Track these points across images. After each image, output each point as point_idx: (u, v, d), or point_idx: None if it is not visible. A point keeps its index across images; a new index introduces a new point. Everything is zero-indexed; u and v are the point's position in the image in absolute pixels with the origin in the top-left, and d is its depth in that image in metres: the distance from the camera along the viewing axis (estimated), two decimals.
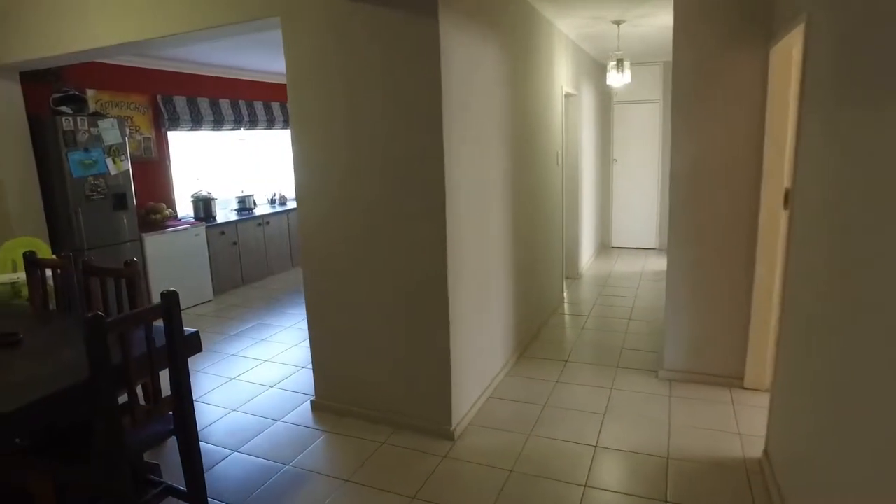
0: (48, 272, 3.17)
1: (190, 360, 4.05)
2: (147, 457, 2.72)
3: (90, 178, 4.60)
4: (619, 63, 4.84)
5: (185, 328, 2.43)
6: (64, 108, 4.48)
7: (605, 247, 7.79)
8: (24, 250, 4.26)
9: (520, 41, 3.76)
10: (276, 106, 7.30)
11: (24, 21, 3.79)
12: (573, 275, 6.03)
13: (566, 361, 3.84)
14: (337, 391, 3.22)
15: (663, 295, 5.32)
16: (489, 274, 3.34)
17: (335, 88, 2.83)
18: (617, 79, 4.94)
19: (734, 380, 3.30)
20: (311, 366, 3.31)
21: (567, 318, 4.83)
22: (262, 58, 5.86)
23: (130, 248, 4.98)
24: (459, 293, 2.89)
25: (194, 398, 3.56)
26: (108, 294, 2.92)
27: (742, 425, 2.90)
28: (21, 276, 3.95)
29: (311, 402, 3.32)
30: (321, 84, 2.87)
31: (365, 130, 2.80)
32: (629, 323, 4.58)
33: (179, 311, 2.16)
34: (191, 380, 3.77)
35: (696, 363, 3.39)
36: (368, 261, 2.94)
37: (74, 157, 4.48)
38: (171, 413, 2.25)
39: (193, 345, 2.44)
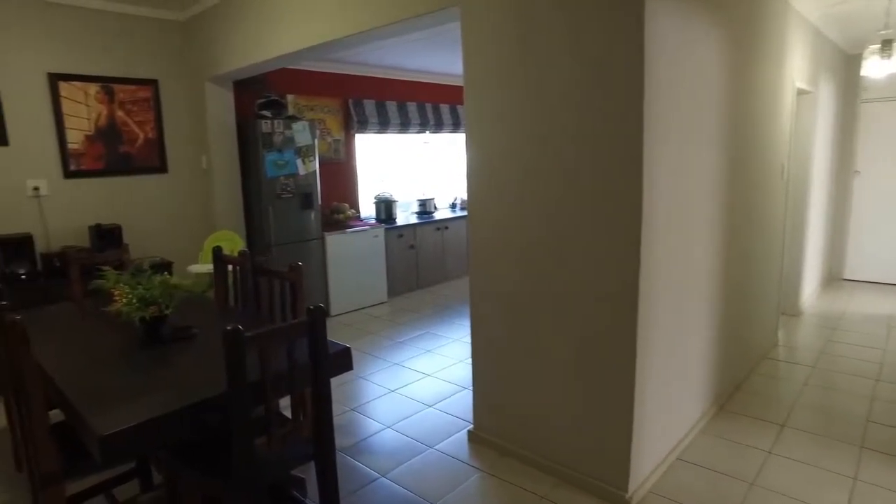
0: (230, 268, 3.28)
1: (355, 365, 4.06)
2: (295, 470, 2.63)
3: (281, 178, 4.85)
4: (886, 45, 3.76)
5: (336, 343, 2.26)
6: (265, 113, 4.78)
7: (834, 278, 6.39)
8: (225, 243, 4.62)
9: (744, 25, 3.05)
10: (461, 109, 7.22)
11: (233, 38, 4.10)
12: (791, 310, 4.96)
13: (782, 426, 3.02)
14: (497, 425, 2.86)
15: None
16: (687, 303, 2.72)
17: (515, 85, 2.47)
18: (881, 67, 3.85)
19: None
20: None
21: (782, 365, 3.90)
22: (448, 59, 5.76)
23: (314, 246, 5.18)
24: (651, 325, 2.35)
25: (353, 407, 3.51)
26: (274, 294, 2.90)
27: None
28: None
29: (469, 431, 3.01)
30: (500, 80, 2.53)
31: (548, 134, 2.40)
32: (876, 385, 3.53)
33: (325, 328, 1.96)
34: (353, 387, 3.76)
35: None
36: (543, 281, 2.53)
37: (269, 158, 4.74)
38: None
39: (342, 363, 2.24)
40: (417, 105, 6.67)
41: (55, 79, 4.04)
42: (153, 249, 4.58)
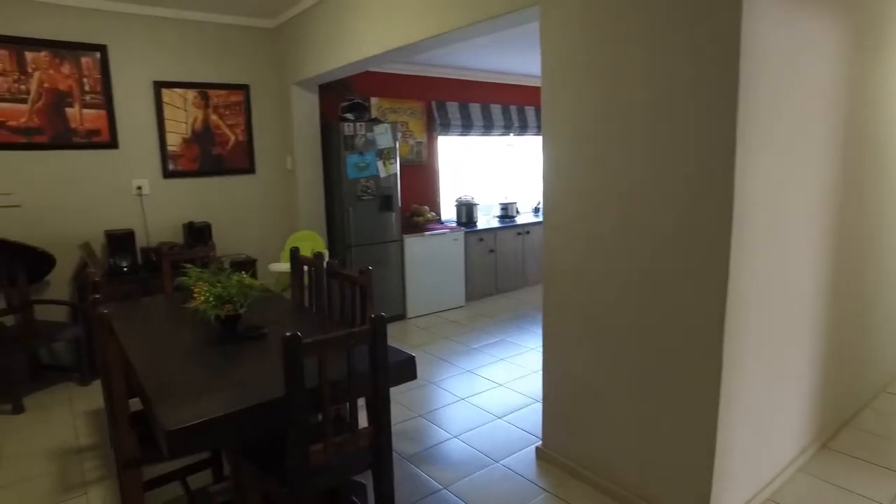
0: (306, 269, 3.33)
1: (427, 370, 4.03)
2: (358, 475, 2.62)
3: (362, 180, 4.92)
4: None
5: (402, 350, 2.23)
6: (348, 116, 4.86)
7: None
8: (306, 243, 4.75)
9: (872, 11, 2.70)
10: None
11: (317, 43, 4.21)
12: None
13: None
14: (566, 444, 2.72)
15: None
16: (786, 324, 2.44)
17: (595, 86, 2.32)
18: None
19: None
20: None
21: None
22: (534, 60, 5.62)
23: (393, 248, 5.21)
24: (740, 347, 2.12)
25: (421, 413, 3.46)
26: (346, 297, 2.91)
27: None
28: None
29: (537, 448, 2.88)
30: (579, 82, 2.39)
31: (630, 138, 2.23)
32: None
33: (385, 337, 1.92)
34: (422, 392, 3.72)
35: None
36: (622, 294, 2.36)
37: (351, 160, 4.82)
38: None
39: (405, 372, 2.19)
40: (502, 107, 6.57)
41: (159, 86, 4.33)
42: (239, 247, 4.79)
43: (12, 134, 3.85)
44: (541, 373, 3.86)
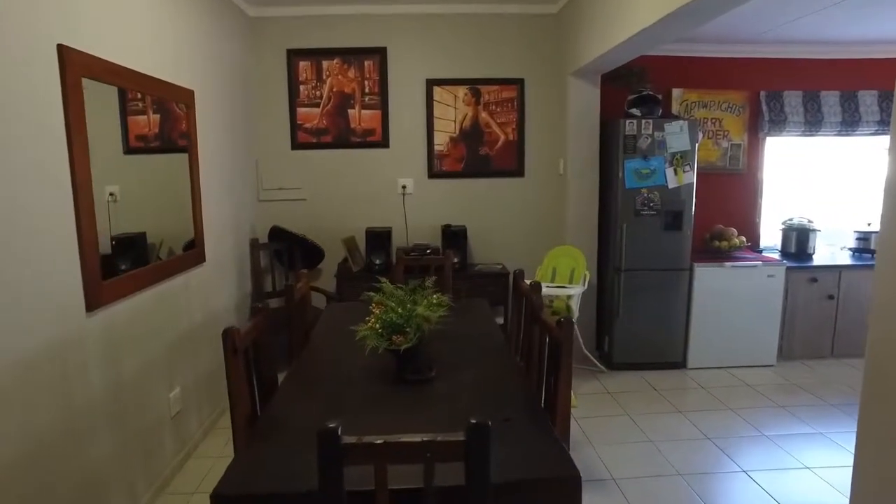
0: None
1: (684, 452, 2.98)
2: None
3: (643, 190, 3.98)
4: None
5: (566, 460, 1.51)
6: (634, 111, 3.99)
7: None
8: (565, 260, 4.11)
9: None
10: None
11: (597, 21, 3.47)
12: None
13: None
14: None
15: None
16: None
17: None
18: None
19: None
20: None
21: None
22: None
23: (677, 279, 4.14)
24: None
25: None
26: (543, 349, 2.22)
27: None
28: (552, 290, 3.79)
29: None
30: None
31: None
32: None
33: (487, 457, 1.21)
34: (667, 486, 2.71)
35: None
36: None
37: (630, 166, 3.94)
38: None
39: (552, 500, 1.43)
40: (878, 94, 4.63)
41: (431, 84, 4.26)
42: (495, 255, 4.45)
43: (307, 135, 4.27)
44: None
